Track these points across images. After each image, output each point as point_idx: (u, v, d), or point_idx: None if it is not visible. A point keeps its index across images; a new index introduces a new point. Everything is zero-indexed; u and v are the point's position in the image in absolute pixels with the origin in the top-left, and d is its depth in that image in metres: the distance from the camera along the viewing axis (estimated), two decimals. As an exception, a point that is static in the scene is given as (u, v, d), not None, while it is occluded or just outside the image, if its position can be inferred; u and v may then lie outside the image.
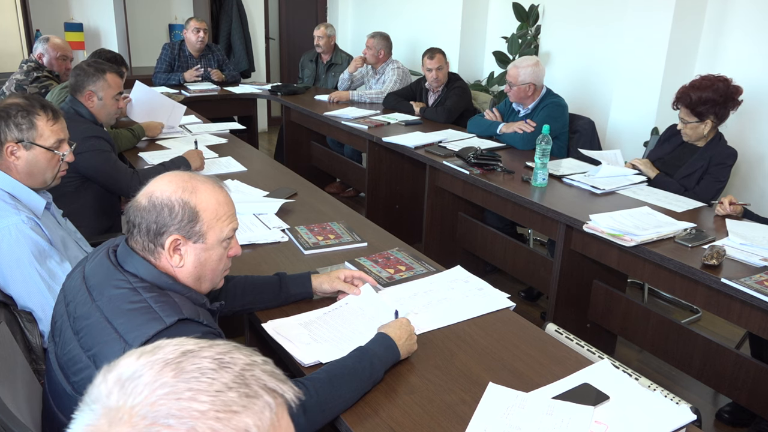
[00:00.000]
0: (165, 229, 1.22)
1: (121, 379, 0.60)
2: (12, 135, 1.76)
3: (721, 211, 2.47)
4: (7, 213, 1.67)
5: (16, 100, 1.79)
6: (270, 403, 0.60)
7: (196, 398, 0.57)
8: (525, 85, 3.40)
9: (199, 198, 1.24)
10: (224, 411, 0.57)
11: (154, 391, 0.57)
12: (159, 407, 0.56)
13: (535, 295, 3.42)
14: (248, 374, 0.61)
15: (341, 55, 5.25)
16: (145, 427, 0.55)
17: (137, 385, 0.58)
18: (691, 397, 2.63)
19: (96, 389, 0.61)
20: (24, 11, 5.16)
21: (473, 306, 1.72)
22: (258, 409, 0.59)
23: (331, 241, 2.11)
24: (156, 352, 0.62)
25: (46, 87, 3.73)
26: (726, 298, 2.01)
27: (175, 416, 0.56)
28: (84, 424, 0.59)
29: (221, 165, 2.99)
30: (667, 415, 1.28)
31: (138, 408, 0.57)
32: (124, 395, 0.58)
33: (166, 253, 1.24)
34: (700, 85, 2.75)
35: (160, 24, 6.43)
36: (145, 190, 1.24)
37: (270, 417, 0.60)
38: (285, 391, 0.63)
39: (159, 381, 0.58)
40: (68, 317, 1.24)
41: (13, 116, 1.76)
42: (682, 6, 3.49)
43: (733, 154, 2.77)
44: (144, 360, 0.61)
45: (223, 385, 0.59)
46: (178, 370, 0.59)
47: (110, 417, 0.57)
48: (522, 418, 1.26)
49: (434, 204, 3.42)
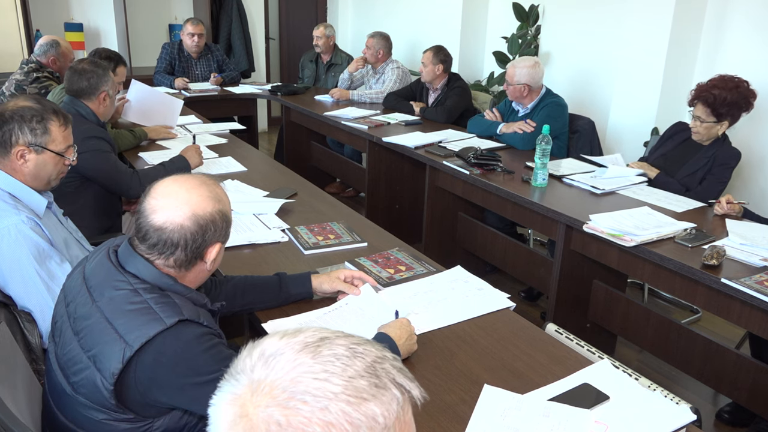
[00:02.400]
0: (211, 242, 1.27)
1: (265, 355, 0.65)
2: (25, 138, 1.76)
3: (719, 210, 2.47)
4: (7, 213, 1.67)
5: (29, 103, 1.79)
6: (398, 396, 0.64)
7: (330, 380, 0.62)
8: (520, 85, 3.40)
9: (225, 202, 1.31)
10: (355, 396, 0.61)
11: (294, 368, 0.63)
12: (297, 384, 0.62)
13: (535, 295, 3.42)
14: (379, 366, 0.65)
15: (341, 55, 5.25)
16: (284, 400, 0.61)
17: (279, 362, 0.64)
18: (691, 397, 2.63)
19: (241, 362, 0.66)
20: (24, 11, 5.16)
21: (473, 306, 1.72)
22: (386, 400, 0.63)
23: (331, 241, 2.11)
24: (297, 335, 0.67)
25: (45, 87, 3.73)
26: (726, 298, 2.01)
27: (311, 394, 0.61)
28: (228, 392, 0.65)
29: (221, 165, 2.99)
30: (667, 415, 1.28)
31: (279, 382, 0.62)
32: (267, 369, 0.64)
33: (203, 261, 1.28)
34: (725, 86, 2.68)
35: (160, 24, 6.42)
36: (184, 211, 1.22)
37: (396, 410, 0.63)
38: (412, 388, 0.66)
39: (298, 360, 0.64)
40: (68, 317, 1.24)
41: (28, 120, 1.76)
42: (682, 6, 3.49)
43: (736, 154, 2.76)
44: (286, 340, 0.66)
45: (356, 372, 0.63)
46: (316, 353, 0.64)
47: (253, 388, 0.63)
48: (520, 420, 1.26)
49: (434, 204, 3.42)
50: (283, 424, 0.60)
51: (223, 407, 0.64)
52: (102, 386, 1.14)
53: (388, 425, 0.62)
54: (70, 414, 1.23)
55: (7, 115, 1.74)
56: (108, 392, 1.14)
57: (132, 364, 1.14)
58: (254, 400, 0.62)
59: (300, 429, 0.59)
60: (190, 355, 1.16)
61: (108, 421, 1.18)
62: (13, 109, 1.76)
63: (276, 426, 0.60)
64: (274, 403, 0.61)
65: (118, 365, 1.12)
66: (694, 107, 2.79)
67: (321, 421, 0.60)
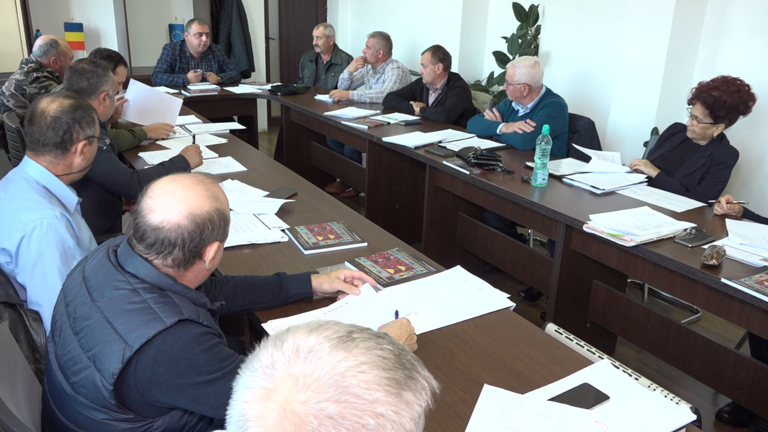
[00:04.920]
0: (209, 241, 1.26)
1: (301, 350, 0.66)
2: (84, 133, 1.86)
3: (719, 210, 2.47)
4: (42, 206, 1.72)
5: (72, 100, 1.87)
6: (426, 387, 0.68)
7: (371, 371, 0.64)
8: (520, 85, 3.40)
9: (223, 201, 1.30)
10: (396, 387, 0.64)
11: (339, 363, 0.64)
12: (345, 378, 0.63)
13: (535, 295, 3.42)
14: (404, 358, 0.68)
15: (341, 55, 5.25)
16: (335, 395, 0.62)
17: (320, 358, 0.65)
18: (691, 397, 2.63)
19: (268, 357, 0.67)
20: (24, 11, 5.16)
21: (473, 306, 1.72)
22: (419, 390, 0.66)
23: (331, 241, 2.11)
24: (322, 330, 0.68)
25: (45, 87, 3.73)
26: (726, 298, 2.01)
27: (360, 386, 0.63)
28: (259, 387, 0.64)
29: (221, 165, 2.99)
30: (667, 415, 1.28)
31: (325, 378, 0.63)
32: (310, 366, 0.64)
33: (201, 261, 1.27)
34: (727, 89, 2.68)
35: (160, 24, 6.42)
36: (180, 210, 1.22)
37: (425, 398, 0.67)
38: (430, 378, 0.69)
39: (338, 356, 0.65)
40: (68, 317, 1.24)
41: (89, 113, 1.87)
42: (682, 6, 3.49)
43: (734, 154, 2.76)
44: (315, 336, 0.67)
45: (392, 364, 0.66)
46: (350, 348, 0.66)
47: (297, 384, 0.63)
48: (520, 420, 1.26)
49: (434, 204, 3.42)
50: (336, 417, 0.61)
51: (257, 404, 0.64)
52: (102, 386, 1.14)
53: (421, 414, 0.66)
54: (70, 414, 1.23)
55: (64, 118, 1.82)
56: (108, 392, 1.14)
57: (132, 363, 1.14)
58: (299, 396, 0.62)
59: (353, 422, 0.61)
60: (190, 355, 1.16)
61: (108, 421, 1.18)
62: (65, 109, 1.83)
63: (329, 420, 0.61)
64: (324, 398, 0.62)
65: (118, 365, 1.12)
66: (692, 106, 2.79)
67: (372, 413, 0.62)
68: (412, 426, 0.64)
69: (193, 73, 5.01)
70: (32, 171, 1.81)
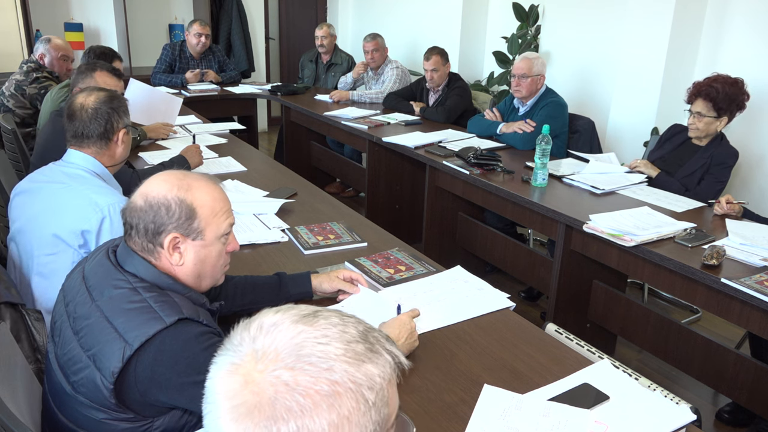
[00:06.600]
0: (163, 228, 1.22)
1: (264, 327, 0.68)
2: (123, 121, 1.89)
3: (719, 210, 2.47)
4: (109, 192, 1.77)
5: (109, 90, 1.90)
6: (390, 361, 0.68)
7: (331, 344, 0.66)
8: (537, 76, 3.43)
9: (194, 195, 1.25)
10: (354, 358, 0.65)
11: (297, 335, 0.66)
12: (302, 348, 0.65)
13: (535, 295, 3.42)
14: (370, 335, 0.69)
15: (341, 55, 5.25)
16: (290, 363, 0.64)
17: (280, 331, 0.67)
18: (691, 397, 2.63)
19: (237, 336, 0.69)
20: (24, 11, 5.16)
21: (473, 306, 1.72)
22: (381, 363, 0.67)
23: (331, 241, 2.11)
24: (289, 310, 0.71)
25: (45, 87, 3.72)
26: (726, 298, 2.01)
27: (315, 356, 0.64)
28: (227, 362, 0.67)
29: (221, 165, 2.99)
30: (667, 415, 1.28)
31: (282, 348, 0.65)
32: (270, 338, 0.66)
33: (165, 252, 1.24)
34: (724, 81, 2.74)
35: (160, 24, 6.42)
36: (140, 190, 1.25)
37: (390, 373, 0.68)
38: (399, 355, 0.70)
39: (298, 328, 0.67)
40: (68, 317, 1.24)
41: (123, 102, 1.90)
42: (682, 6, 3.49)
43: (734, 154, 2.76)
44: (281, 314, 0.70)
45: (352, 338, 0.67)
46: (313, 322, 0.68)
47: (257, 356, 0.65)
48: (520, 420, 1.26)
49: (434, 204, 3.42)
50: (290, 383, 0.62)
51: (224, 378, 0.66)
52: (102, 385, 1.14)
53: (383, 386, 0.66)
54: (70, 414, 1.23)
55: (104, 108, 1.85)
56: (108, 391, 1.14)
57: (132, 363, 1.13)
58: (258, 366, 0.64)
59: (307, 387, 0.62)
60: (190, 354, 1.16)
61: (108, 420, 1.18)
62: (103, 100, 1.86)
63: (284, 386, 0.62)
64: (281, 366, 0.63)
65: (118, 364, 1.12)
66: (692, 104, 2.80)
67: (327, 380, 0.63)
68: (373, 396, 0.64)
69: (191, 72, 5.01)
70: (82, 161, 1.85)
